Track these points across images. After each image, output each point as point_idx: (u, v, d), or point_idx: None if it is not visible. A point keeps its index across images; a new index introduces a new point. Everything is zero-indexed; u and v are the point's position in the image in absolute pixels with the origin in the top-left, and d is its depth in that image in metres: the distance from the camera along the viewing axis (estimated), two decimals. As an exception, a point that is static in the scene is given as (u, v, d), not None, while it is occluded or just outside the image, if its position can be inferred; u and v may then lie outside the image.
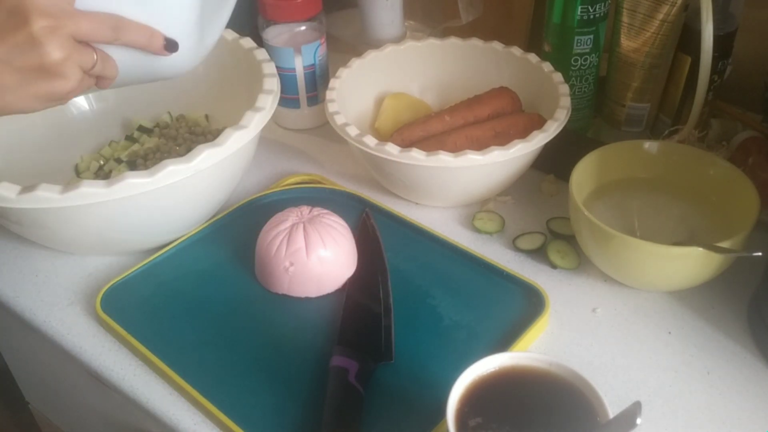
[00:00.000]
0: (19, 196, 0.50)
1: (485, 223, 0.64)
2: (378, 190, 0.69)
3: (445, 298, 0.56)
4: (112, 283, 0.58)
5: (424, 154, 0.58)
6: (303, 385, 0.50)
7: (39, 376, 0.78)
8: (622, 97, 0.73)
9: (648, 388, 0.50)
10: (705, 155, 0.60)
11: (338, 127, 0.63)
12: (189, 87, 0.73)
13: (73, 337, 0.56)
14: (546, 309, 0.54)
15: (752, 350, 0.53)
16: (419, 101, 0.76)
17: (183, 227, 0.61)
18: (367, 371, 0.49)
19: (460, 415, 0.39)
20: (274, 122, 0.80)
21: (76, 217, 0.53)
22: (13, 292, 0.60)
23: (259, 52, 0.66)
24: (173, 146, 0.70)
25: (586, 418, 0.39)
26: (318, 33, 0.75)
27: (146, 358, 0.52)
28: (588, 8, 0.65)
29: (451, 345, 0.52)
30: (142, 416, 0.52)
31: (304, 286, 0.56)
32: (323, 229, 0.55)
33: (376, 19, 0.85)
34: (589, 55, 0.69)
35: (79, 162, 0.70)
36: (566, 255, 0.60)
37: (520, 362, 0.42)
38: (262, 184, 0.71)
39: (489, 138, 0.65)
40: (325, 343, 0.52)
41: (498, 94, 0.70)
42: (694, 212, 0.59)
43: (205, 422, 0.49)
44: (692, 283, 0.55)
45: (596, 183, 0.61)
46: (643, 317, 0.55)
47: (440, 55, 0.75)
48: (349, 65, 0.71)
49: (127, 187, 0.51)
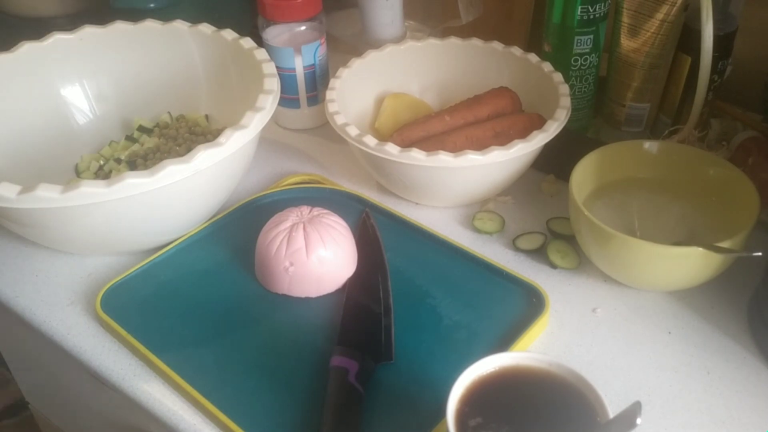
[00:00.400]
0: (19, 196, 0.50)
1: (485, 223, 0.64)
2: (378, 190, 0.69)
3: (445, 298, 0.56)
4: (112, 283, 0.58)
5: (424, 154, 0.58)
6: (303, 385, 0.49)
7: (39, 376, 0.78)
8: (622, 97, 0.73)
9: (648, 388, 0.50)
10: (705, 155, 0.60)
11: (338, 127, 0.63)
12: (189, 87, 0.73)
13: (73, 337, 0.56)
14: (546, 309, 0.54)
15: (752, 350, 0.53)
16: (419, 101, 0.76)
17: (183, 227, 0.61)
18: (367, 371, 0.49)
19: (460, 415, 0.39)
20: (274, 122, 0.80)
21: (76, 217, 0.53)
22: (13, 292, 0.60)
23: (259, 52, 0.66)
24: (173, 146, 0.70)
25: (586, 418, 0.39)
26: (318, 33, 0.75)
27: (146, 358, 0.52)
28: (588, 8, 0.65)
29: (451, 345, 0.52)
30: (142, 416, 0.52)
31: (304, 286, 0.56)
32: (323, 229, 0.55)
33: (376, 19, 0.85)
34: (589, 55, 0.69)
35: (79, 162, 0.70)
36: (566, 255, 0.60)
37: (520, 362, 0.42)
38: (262, 184, 0.71)
39: (489, 138, 0.65)
40: (325, 343, 0.52)
41: (498, 94, 0.70)
42: (694, 212, 0.59)
43: (205, 422, 0.49)
44: (692, 283, 0.55)
45: (596, 183, 0.61)
46: (643, 317, 0.55)
47: (440, 55, 0.75)
48: (349, 65, 0.71)
49: (127, 187, 0.51)
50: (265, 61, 0.64)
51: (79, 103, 0.72)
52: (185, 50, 0.72)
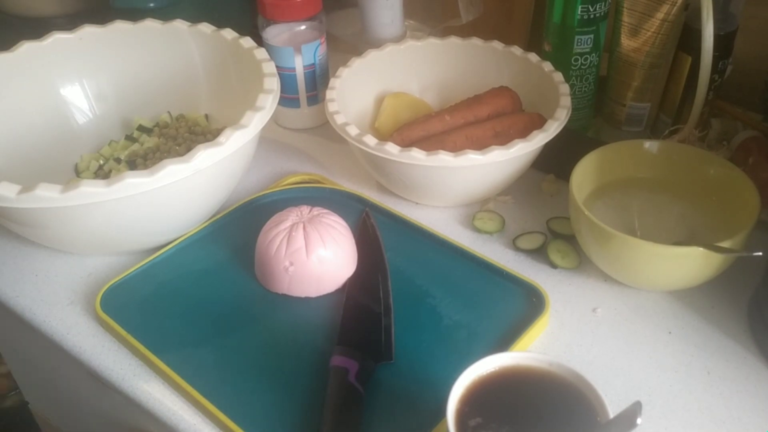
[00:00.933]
0: (19, 196, 0.50)
1: (485, 223, 0.64)
2: (378, 190, 0.69)
3: (445, 298, 0.56)
4: (111, 282, 0.57)
5: (424, 154, 0.58)
6: (303, 385, 0.49)
7: (39, 376, 0.78)
8: (623, 96, 0.73)
9: (648, 388, 0.50)
10: (705, 155, 0.60)
11: (338, 127, 0.63)
12: (189, 86, 0.73)
13: (72, 337, 0.55)
14: (546, 309, 0.54)
15: (752, 350, 0.53)
16: (419, 101, 0.76)
17: (183, 227, 0.61)
18: (367, 371, 0.49)
19: (460, 415, 0.39)
20: (274, 122, 0.80)
21: (76, 216, 0.53)
22: (13, 292, 0.60)
23: (259, 52, 0.66)
24: (173, 146, 0.70)
25: (586, 418, 0.39)
26: (318, 32, 0.75)
27: (146, 358, 0.52)
28: (588, 8, 0.65)
29: (451, 345, 0.52)
30: (142, 416, 0.52)
31: (304, 285, 0.56)
32: (323, 228, 0.55)
33: (376, 19, 0.85)
34: (590, 55, 0.69)
35: (79, 162, 0.70)
36: (566, 255, 0.60)
37: (520, 362, 0.42)
38: (262, 184, 0.70)
39: (489, 138, 0.65)
40: (325, 343, 0.52)
41: (498, 94, 0.70)
42: (694, 212, 0.59)
43: (205, 422, 0.49)
44: (692, 283, 0.54)
45: (596, 183, 0.61)
46: (643, 317, 0.55)
47: (440, 55, 0.75)
48: (349, 65, 0.71)
49: (126, 186, 0.51)
50: (265, 61, 0.64)
51: (78, 102, 0.72)
52: (185, 50, 0.72)
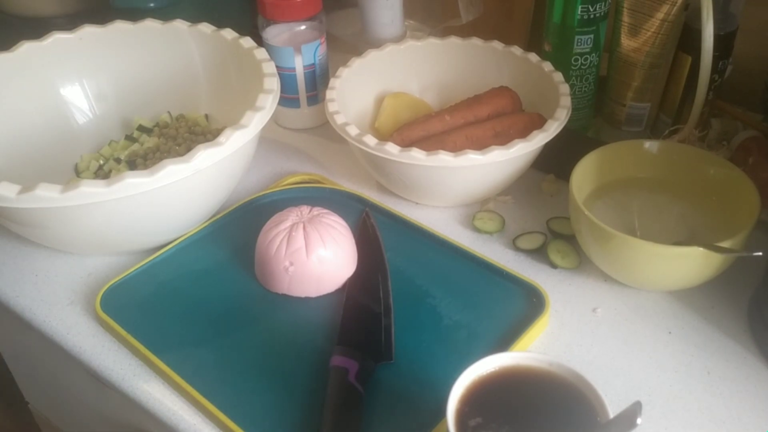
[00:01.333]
0: (19, 196, 0.50)
1: (485, 223, 0.64)
2: (378, 190, 0.69)
3: (445, 298, 0.56)
4: (111, 282, 0.57)
5: (424, 154, 0.58)
6: (303, 385, 0.49)
7: (39, 376, 0.78)
8: (623, 96, 0.73)
9: (648, 388, 0.50)
10: (705, 155, 0.60)
11: (338, 127, 0.63)
12: (189, 86, 0.73)
13: (72, 337, 0.55)
14: (546, 309, 0.54)
15: (752, 350, 0.53)
16: (419, 101, 0.76)
17: (183, 227, 0.61)
18: (367, 371, 0.49)
19: (460, 415, 0.39)
20: (274, 122, 0.80)
21: (76, 216, 0.53)
22: (13, 292, 0.60)
23: (259, 52, 0.66)
24: (173, 146, 0.70)
25: (586, 418, 0.39)
26: (318, 32, 0.75)
27: (146, 358, 0.52)
28: (588, 8, 0.65)
29: (451, 345, 0.52)
30: (142, 416, 0.52)
31: (303, 285, 0.56)
32: (323, 228, 0.55)
33: (376, 19, 0.85)
34: (590, 55, 0.69)
35: (79, 161, 0.70)
36: (566, 255, 0.60)
37: (520, 362, 0.42)
38: (262, 184, 0.70)
39: (489, 138, 0.65)
40: (325, 343, 0.52)
41: (498, 94, 0.69)
42: (694, 212, 0.59)
43: (205, 422, 0.49)
44: (692, 283, 0.54)
45: (596, 183, 0.61)
46: (643, 317, 0.55)
47: (440, 55, 0.75)
48: (349, 65, 0.71)
49: (126, 186, 0.51)
50: (264, 61, 0.64)
51: (78, 102, 0.72)
52: (185, 50, 0.72)
